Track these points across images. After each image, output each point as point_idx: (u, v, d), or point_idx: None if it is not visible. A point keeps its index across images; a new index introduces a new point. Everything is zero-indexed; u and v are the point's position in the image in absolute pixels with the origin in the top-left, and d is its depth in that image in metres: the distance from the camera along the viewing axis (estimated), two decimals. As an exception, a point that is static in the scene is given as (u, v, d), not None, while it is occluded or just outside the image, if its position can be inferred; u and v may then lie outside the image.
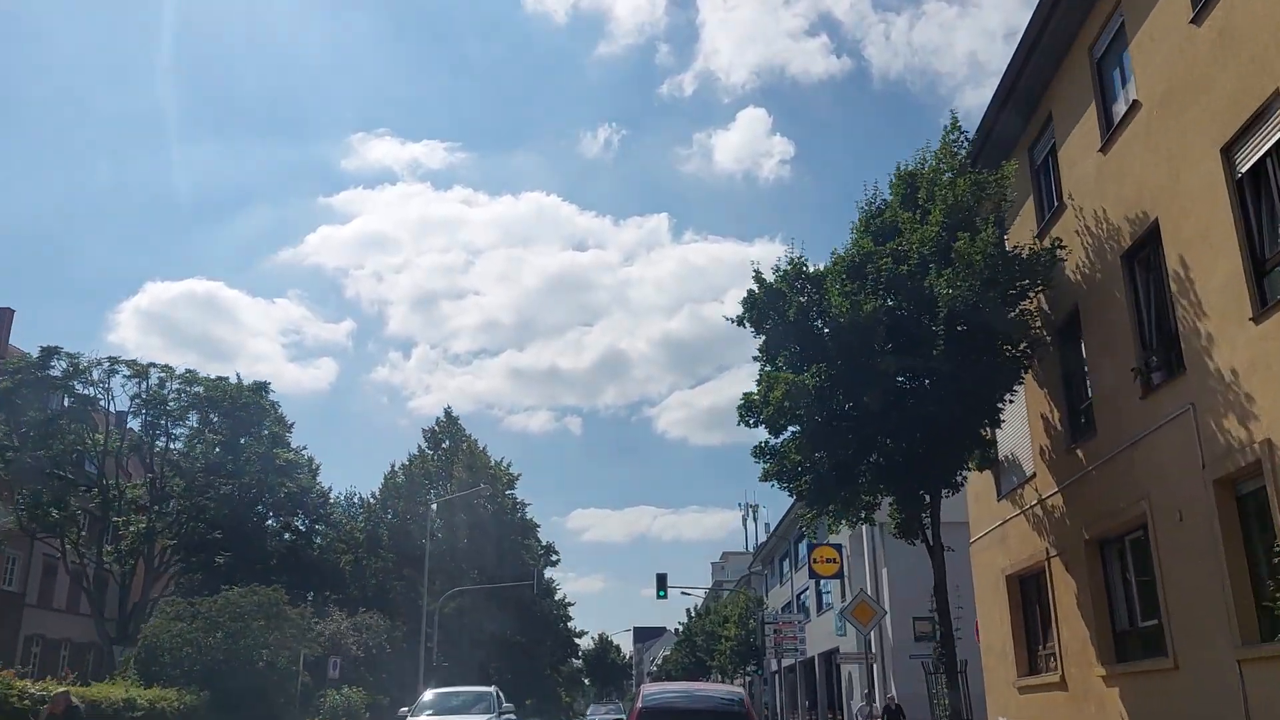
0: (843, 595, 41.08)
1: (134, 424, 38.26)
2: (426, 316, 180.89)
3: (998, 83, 16.84)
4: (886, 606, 35.91)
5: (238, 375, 41.77)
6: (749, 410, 16.06)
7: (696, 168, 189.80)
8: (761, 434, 16.62)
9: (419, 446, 50.22)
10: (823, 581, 46.26)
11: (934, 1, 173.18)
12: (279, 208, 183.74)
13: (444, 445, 49.78)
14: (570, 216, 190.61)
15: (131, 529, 34.94)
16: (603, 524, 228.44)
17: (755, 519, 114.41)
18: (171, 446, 38.52)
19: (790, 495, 17.75)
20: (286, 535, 48.33)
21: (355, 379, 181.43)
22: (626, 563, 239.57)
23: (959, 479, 17.33)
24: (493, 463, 49.28)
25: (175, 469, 37.01)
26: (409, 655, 40.30)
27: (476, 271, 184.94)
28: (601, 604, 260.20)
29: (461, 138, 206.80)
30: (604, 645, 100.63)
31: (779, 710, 52.94)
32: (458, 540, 46.62)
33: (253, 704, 26.77)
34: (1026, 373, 16.02)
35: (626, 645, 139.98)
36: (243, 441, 38.49)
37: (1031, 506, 17.23)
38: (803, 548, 52.21)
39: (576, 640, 74.27)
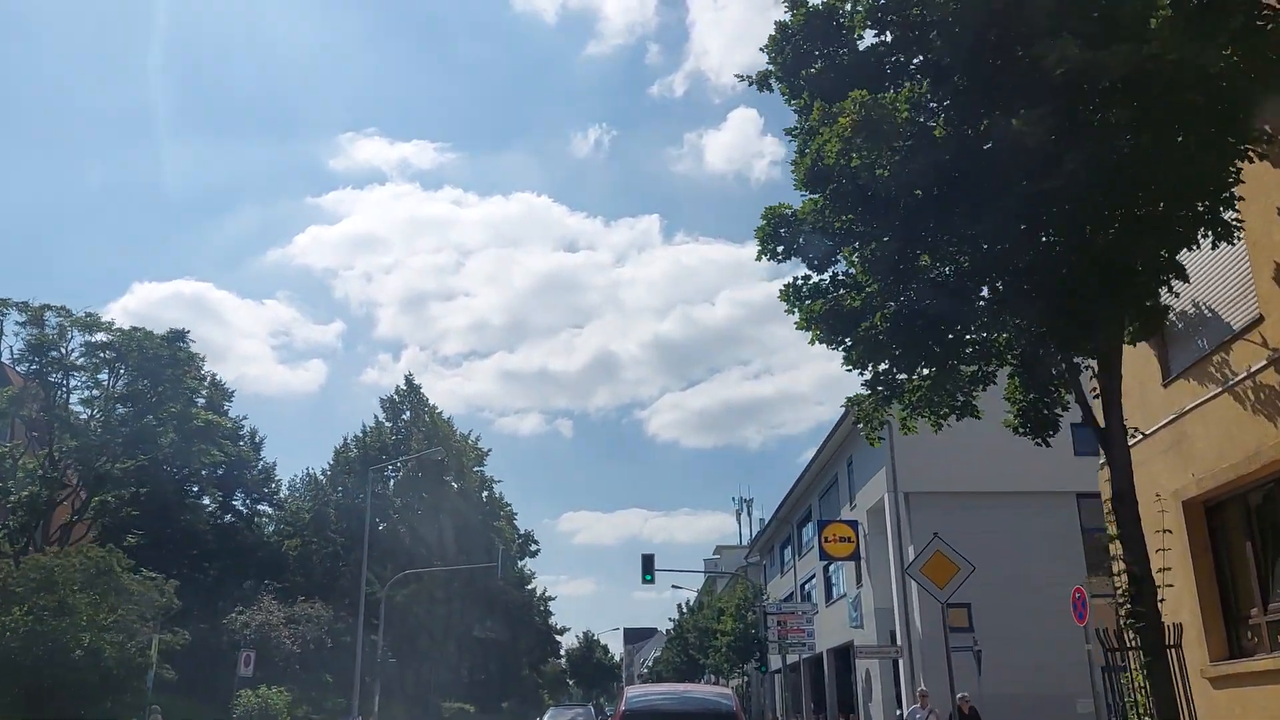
0: (858, 580, 35.49)
1: (25, 374, 32.55)
2: (416, 318, 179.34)
3: None
4: (913, 589, 30.32)
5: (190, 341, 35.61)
6: (780, 226, 9.76)
7: (688, 168, 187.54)
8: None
9: (374, 417, 44.69)
10: (833, 567, 40.67)
11: None
12: (267, 208, 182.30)
13: (404, 417, 44.21)
14: (560, 217, 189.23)
15: (11, 498, 29.17)
16: (594, 527, 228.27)
17: (749, 513, 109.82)
18: (72, 404, 32.74)
19: (845, 355, 10.44)
20: (228, 517, 42.54)
21: (345, 381, 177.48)
22: (618, 566, 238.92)
23: (1156, 307, 10.01)
24: (458, 435, 43.67)
25: (69, 429, 31.20)
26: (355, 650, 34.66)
27: (466, 272, 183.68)
28: (593, 607, 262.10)
29: (451, 138, 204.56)
30: (589, 644, 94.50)
31: (781, 714, 47.27)
32: (415, 520, 41.10)
33: (67, 703, 20.07)
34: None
35: (615, 646, 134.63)
36: (157, 393, 32.63)
37: (1246, 378, 10.77)
38: (809, 530, 46.62)
39: (558, 638, 68.48)
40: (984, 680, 27.63)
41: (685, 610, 68.87)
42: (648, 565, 33.92)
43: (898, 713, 31.90)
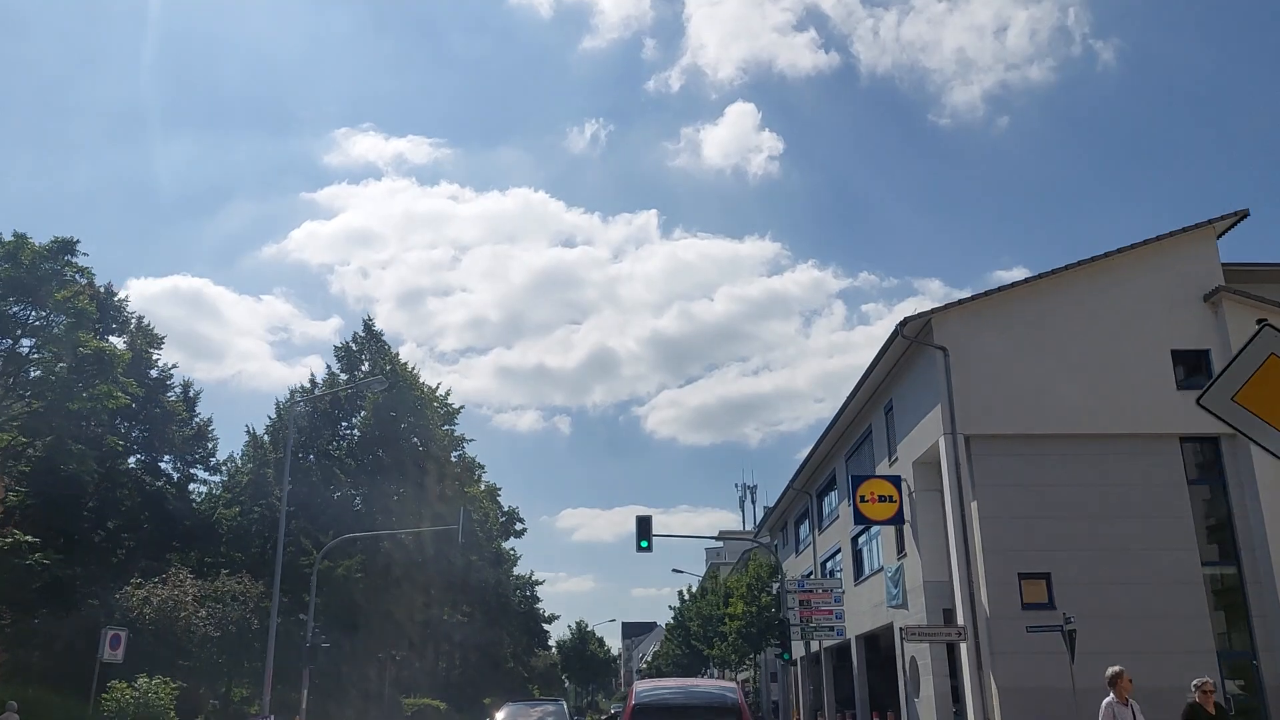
0: (898, 548, 29.25)
1: None
2: (413, 314, 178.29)
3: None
4: (978, 556, 24.12)
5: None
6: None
7: (685, 163, 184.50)
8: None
9: (327, 368, 38.35)
10: (863, 538, 34.44)
11: None
12: (262, 203, 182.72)
13: (363, 368, 37.97)
14: (558, 213, 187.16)
15: None
16: (592, 524, 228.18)
17: (753, 500, 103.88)
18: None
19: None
20: (159, 483, 36.29)
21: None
22: (617, 562, 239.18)
23: None
24: (424, 388, 37.37)
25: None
26: (291, 632, 28.45)
27: (463, 268, 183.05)
28: (592, 604, 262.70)
29: (446, 133, 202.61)
30: (582, 635, 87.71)
31: (797, 713, 41.02)
32: (371, 485, 34.84)
33: None
34: None
35: (611, 640, 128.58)
36: (43, 317, 26.39)
37: None
38: (831, 499, 40.32)
39: (546, 627, 62.01)
40: (1077, 669, 21.48)
41: (686, 597, 62.56)
42: (643, 529, 27.68)
43: (954, 709, 25.69)
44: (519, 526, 55.74)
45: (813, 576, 38.46)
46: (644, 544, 27.73)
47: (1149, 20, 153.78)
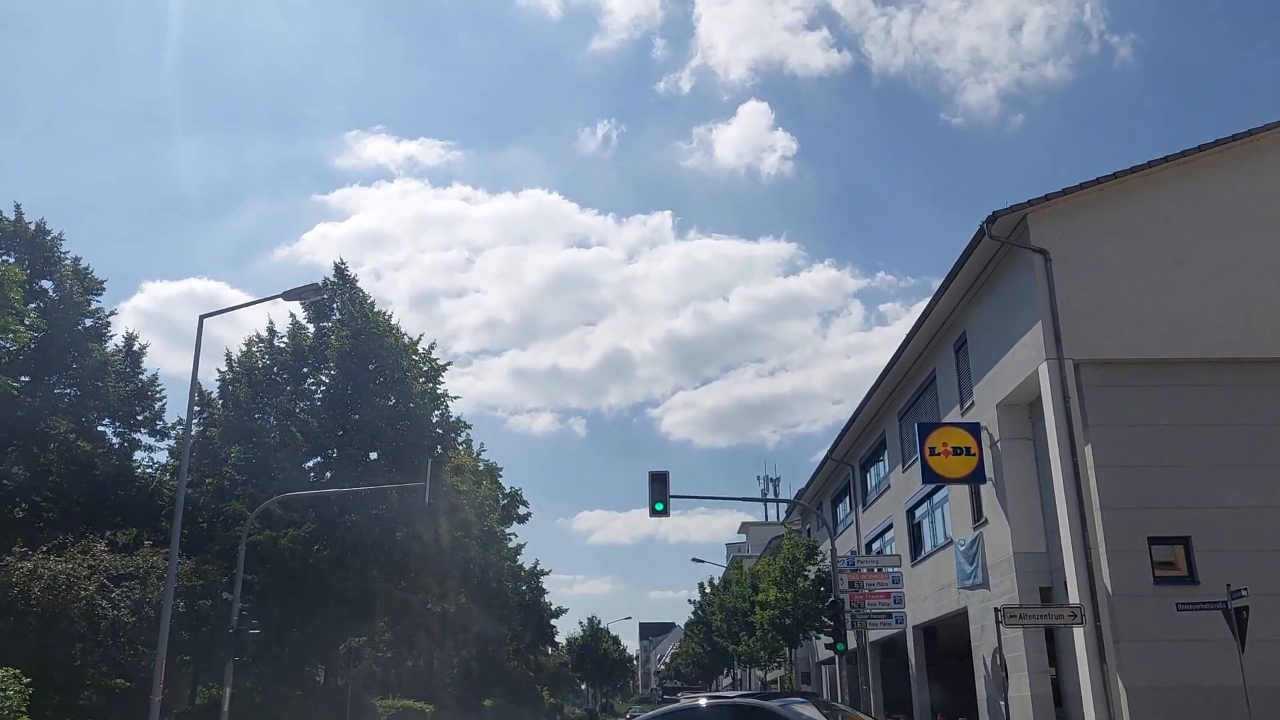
0: (975, 515, 23.62)
1: None
2: (427, 315, 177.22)
3: None
4: (1095, 516, 18.50)
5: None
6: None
7: (698, 163, 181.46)
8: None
9: (290, 315, 32.98)
10: (922, 510, 28.82)
11: None
12: (274, 205, 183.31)
13: (334, 317, 32.62)
14: (571, 214, 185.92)
15: None
16: (609, 526, 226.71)
17: (775, 493, 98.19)
18: None
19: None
20: (89, 448, 30.98)
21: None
22: (634, 565, 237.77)
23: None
24: (403, 336, 31.91)
25: None
26: (225, 615, 23.08)
27: (477, 270, 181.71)
28: (609, 607, 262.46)
29: (457, 135, 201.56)
30: (594, 632, 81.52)
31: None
32: (334, 446, 29.42)
33: None
34: None
35: (627, 639, 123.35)
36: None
37: None
38: (878, 469, 34.67)
39: (553, 621, 56.37)
40: (1228, 660, 15.89)
41: (708, 590, 56.89)
42: (658, 490, 22.10)
43: None
44: (522, 510, 50.36)
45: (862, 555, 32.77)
46: (659, 506, 22.18)
47: (1167, 15, 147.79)
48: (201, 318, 19.86)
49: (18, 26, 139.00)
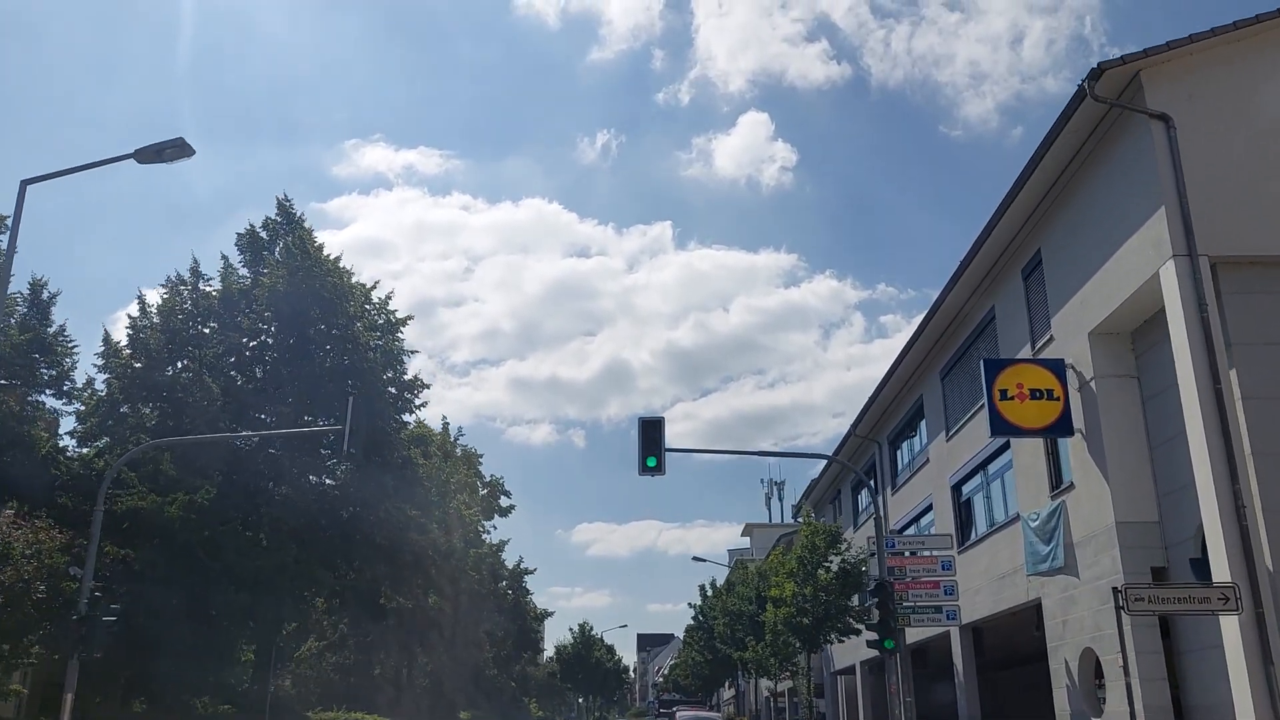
0: (1053, 481, 18.63)
1: None
2: (425, 325, 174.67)
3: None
4: (1248, 462, 13.55)
5: None
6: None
7: (698, 173, 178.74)
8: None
9: (222, 257, 27.90)
10: (974, 482, 23.81)
11: (935, 6, 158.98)
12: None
13: (274, 254, 27.43)
14: (570, 224, 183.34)
15: None
16: (607, 538, 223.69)
17: (780, 498, 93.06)
18: None
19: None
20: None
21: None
22: (632, 578, 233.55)
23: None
24: (346, 279, 26.81)
25: None
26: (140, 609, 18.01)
27: (476, 278, 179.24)
28: (608, 620, 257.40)
29: (456, 144, 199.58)
30: (586, 640, 75.34)
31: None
32: (265, 407, 24.24)
33: None
34: None
35: (623, 650, 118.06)
36: None
37: None
38: (912, 444, 29.65)
39: (538, 625, 51.03)
40: None
41: (710, 591, 51.75)
42: (650, 440, 17.10)
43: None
44: (505, 503, 45.35)
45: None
46: (651, 461, 17.17)
47: (1167, 29, 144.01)
48: (24, 183, 14.97)
49: (26, 34, 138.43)
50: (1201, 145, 14.60)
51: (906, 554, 21.50)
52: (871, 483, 30.00)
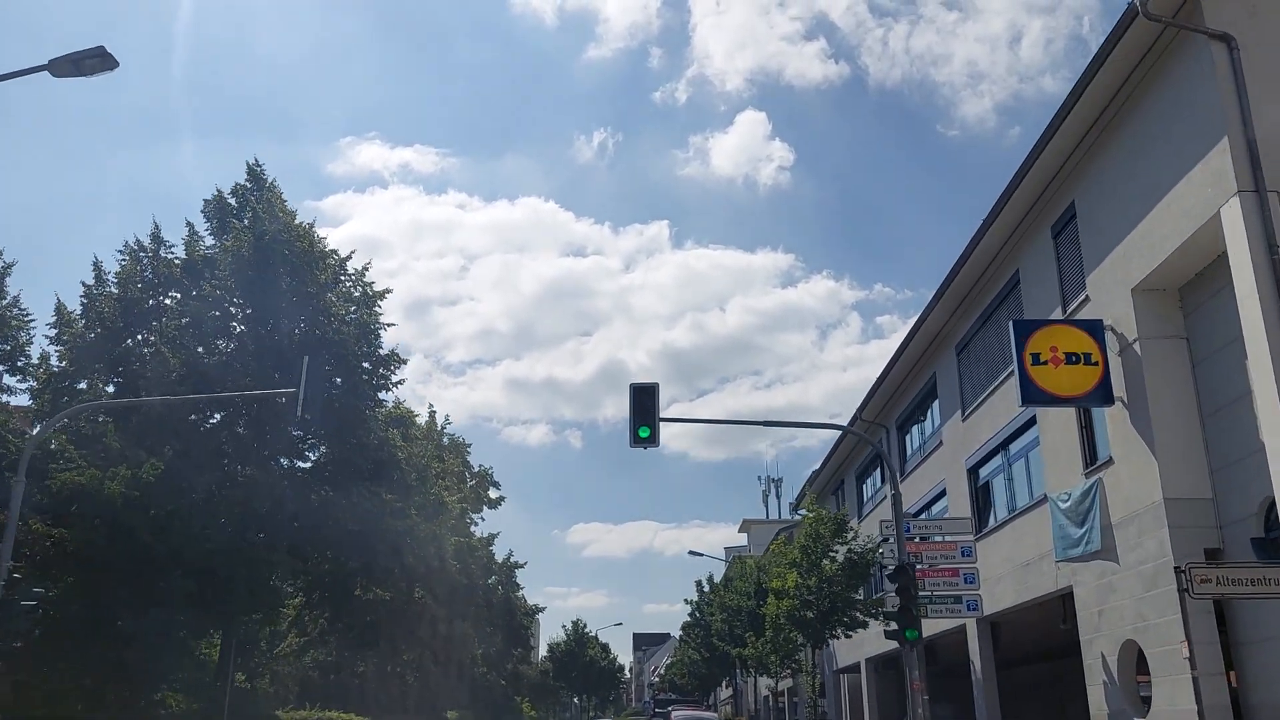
0: (1087, 458, 16.89)
1: None
2: (420, 324, 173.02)
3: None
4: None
5: None
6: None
7: (695, 172, 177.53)
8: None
9: (187, 224, 26.08)
10: (994, 463, 22.05)
11: (933, 5, 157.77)
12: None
13: (243, 221, 25.54)
14: (567, 223, 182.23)
15: None
16: (604, 539, 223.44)
17: (779, 496, 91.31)
18: None
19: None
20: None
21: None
22: (629, 578, 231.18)
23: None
24: (331, 253, 25.09)
25: None
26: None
27: (472, 277, 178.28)
28: (605, 621, 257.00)
29: (452, 142, 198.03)
30: (579, 637, 73.25)
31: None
32: (230, 383, 22.44)
33: None
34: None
35: (618, 648, 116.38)
36: None
37: None
38: (923, 428, 27.92)
39: (527, 621, 49.25)
40: None
41: (706, 587, 49.97)
42: (643, 408, 15.35)
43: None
44: (494, 494, 43.58)
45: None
46: (644, 432, 15.40)
47: None
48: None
49: (27, 34, 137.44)
50: (1267, 68, 12.88)
51: (918, 539, 19.73)
52: (884, 459, 28.20)
